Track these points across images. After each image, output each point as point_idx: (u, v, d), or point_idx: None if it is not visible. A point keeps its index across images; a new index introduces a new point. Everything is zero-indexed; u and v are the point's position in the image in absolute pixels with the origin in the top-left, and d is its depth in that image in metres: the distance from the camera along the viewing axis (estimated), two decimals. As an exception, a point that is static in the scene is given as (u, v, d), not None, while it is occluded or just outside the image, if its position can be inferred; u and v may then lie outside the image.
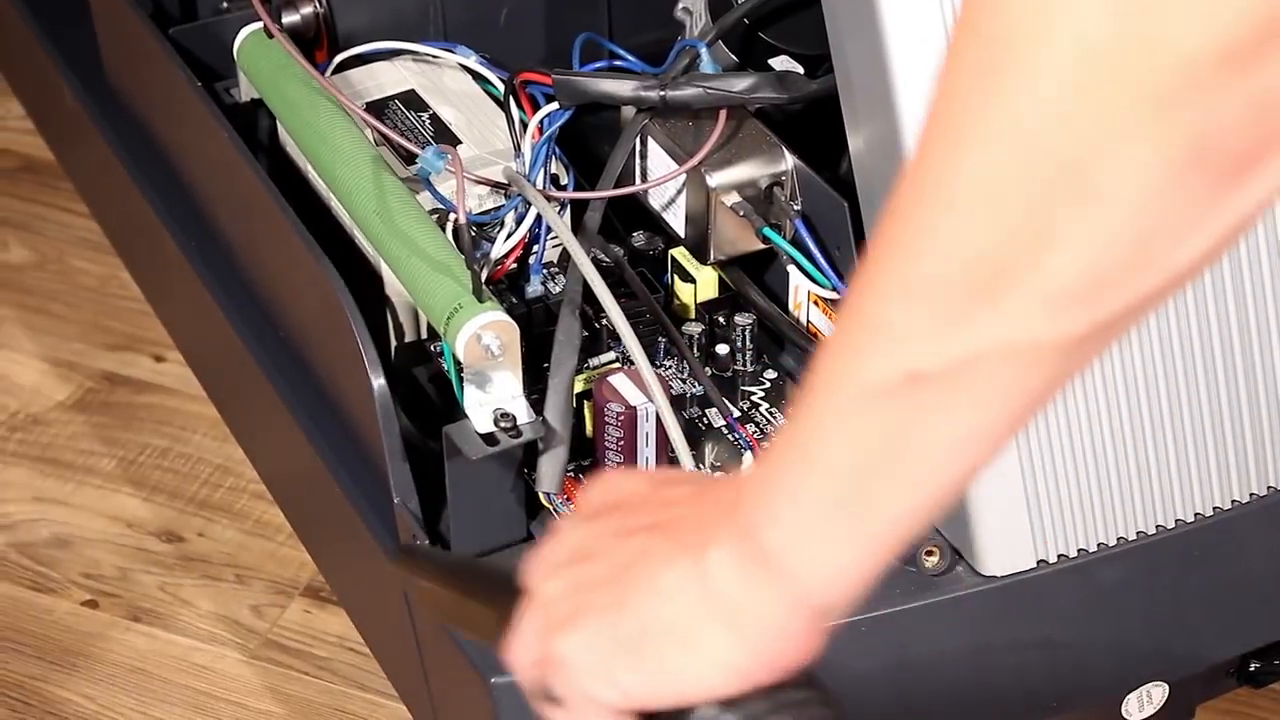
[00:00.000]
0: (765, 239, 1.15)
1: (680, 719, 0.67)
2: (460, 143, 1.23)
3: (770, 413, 1.16)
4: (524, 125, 1.21)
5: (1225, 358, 1.11)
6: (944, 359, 0.59)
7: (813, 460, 0.62)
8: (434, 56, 1.31)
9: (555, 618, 0.68)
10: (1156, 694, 1.16)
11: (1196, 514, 1.13)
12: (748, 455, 1.09)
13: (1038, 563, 1.10)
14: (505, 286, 1.21)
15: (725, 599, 0.64)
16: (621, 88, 1.18)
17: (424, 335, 1.20)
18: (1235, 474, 1.13)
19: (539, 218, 1.19)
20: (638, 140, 1.19)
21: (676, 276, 1.21)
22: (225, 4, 1.41)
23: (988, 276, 0.58)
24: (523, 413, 1.05)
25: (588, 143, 1.29)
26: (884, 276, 0.60)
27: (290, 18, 1.32)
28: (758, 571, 0.63)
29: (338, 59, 1.30)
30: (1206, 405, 1.11)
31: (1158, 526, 1.12)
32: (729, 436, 1.14)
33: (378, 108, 1.26)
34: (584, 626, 0.67)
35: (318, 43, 1.34)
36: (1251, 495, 1.14)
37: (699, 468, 1.11)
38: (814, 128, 1.18)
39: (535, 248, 1.20)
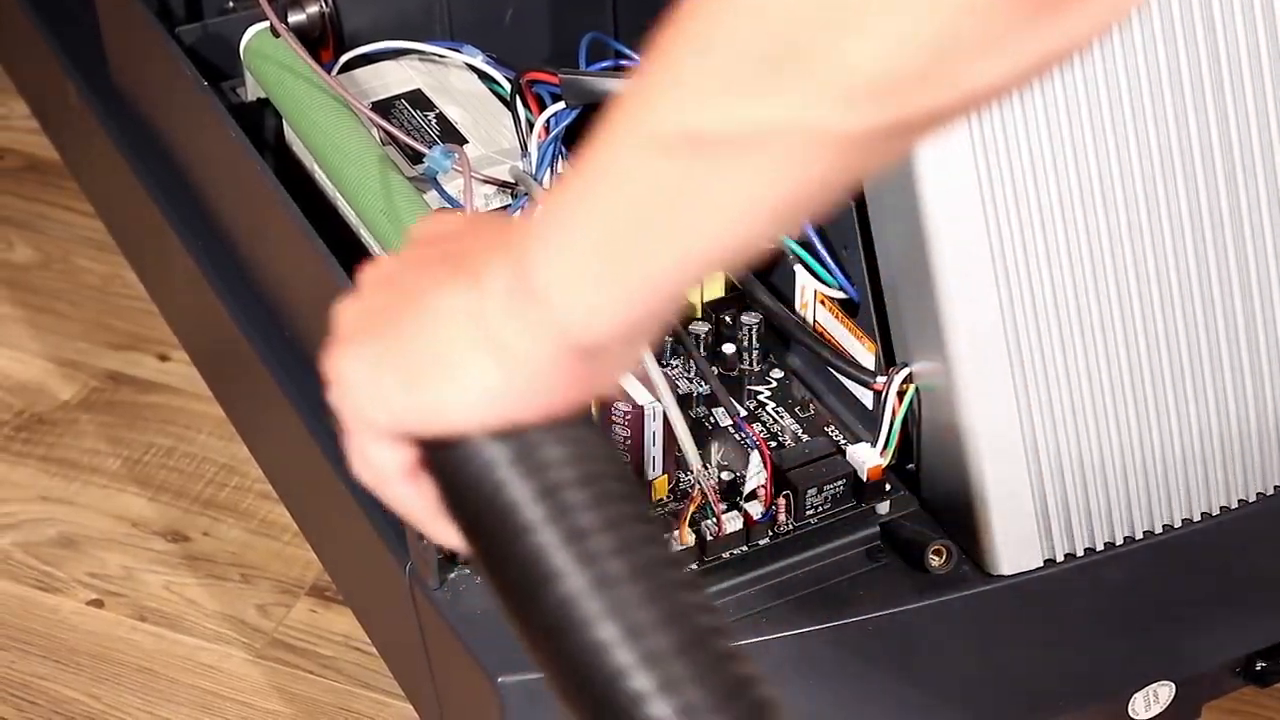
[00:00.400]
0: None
1: (449, 445, 0.66)
2: (466, 142, 1.23)
3: (777, 412, 1.16)
4: (530, 124, 1.21)
5: (1233, 358, 1.11)
6: (726, 126, 0.58)
7: (587, 201, 0.61)
8: (440, 56, 1.31)
9: (341, 336, 0.68)
10: (1163, 693, 1.16)
11: (1203, 514, 1.13)
12: (754, 455, 1.09)
13: (1045, 562, 1.10)
14: (512, 286, 1.20)
15: (492, 327, 0.63)
16: (628, 87, 1.18)
17: (430, 335, 1.20)
18: (1242, 474, 1.13)
19: (545, 217, 1.19)
20: (644, 140, 1.19)
21: (683, 276, 1.21)
22: (231, 3, 1.41)
23: (784, 53, 0.57)
24: (530, 412, 1.05)
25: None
26: (688, 30, 0.59)
27: (296, 17, 1.32)
28: (523, 303, 0.62)
29: (344, 58, 1.30)
30: (1213, 405, 1.11)
31: (1165, 526, 1.12)
32: (735, 436, 1.14)
33: (384, 107, 1.26)
34: (363, 345, 0.66)
35: (324, 42, 1.34)
36: (1258, 495, 1.14)
37: (706, 467, 1.11)
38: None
39: (542, 247, 1.20)
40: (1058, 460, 1.08)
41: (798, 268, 1.15)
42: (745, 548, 1.09)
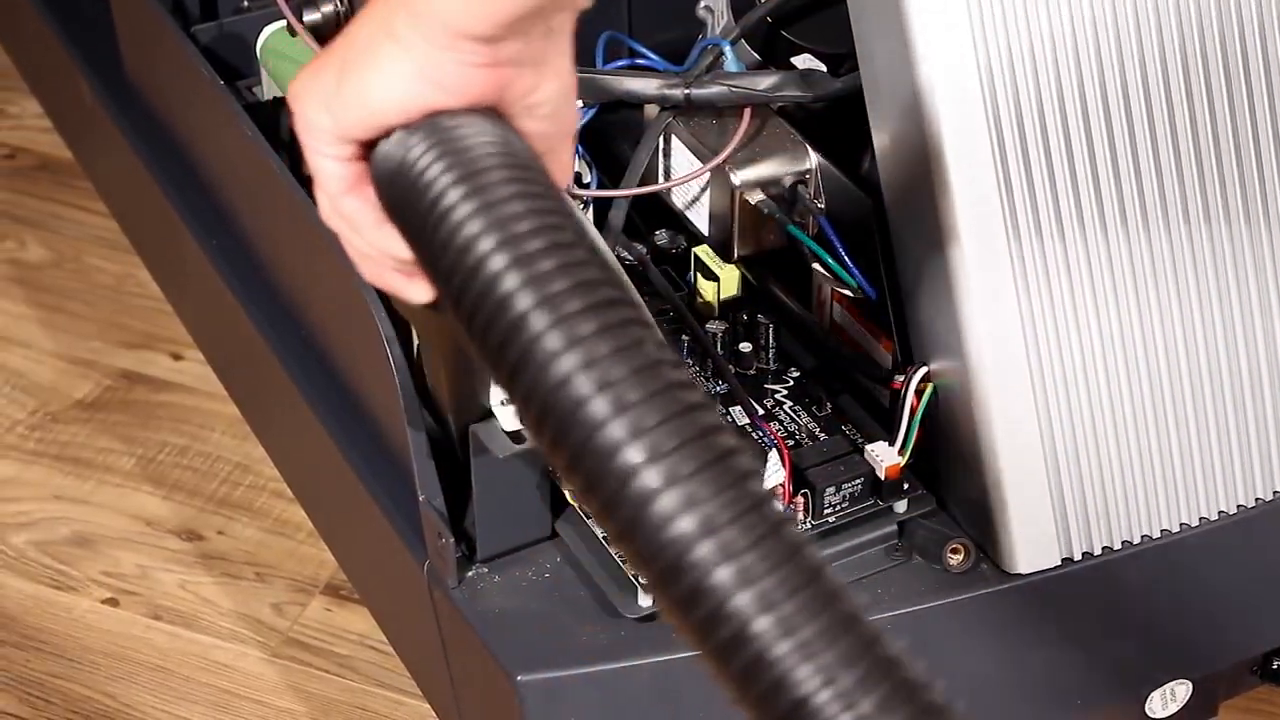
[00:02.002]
0: (789, 237, 1.15)
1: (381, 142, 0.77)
2: (483, 141, 1.23)
3: (794, 411, 1.16)
4: (547, 123, 1.21)
5: (1248, 356, 1.11)
6: None
7: None
8: (455, 55, 1.30)
9: (298, 71, 0.81)
10: (1180, 691, 1.16)
11: (1220, 512, 1.13)
12: (772, 454, 1.09)
13: (1062, 560, 1.10)
14: (528, 285, 1.21)
15: (397, 25, 0.76)
16: (646, 86, 1.18)
17: (447, 333, 1.20)
18: (1258, 472, 1.13)
19: (562, 216, 1.19)
20: (661, 139, 1.19)
21: (699, 275, 1.22)
22: (246, 2, 1.41)
23: None
24: (549, 411, 1.05)
25: (606, 141, 1.29)
26: None
27: (311, 16, 1.32)
28: (417, 5, 0.76)
29: (359, 57, 1.30)
30: (1229, 403, 1.11)
31: (1181, 524, 1.12)
32: (753, 435, 1.14)
33: (400, 106, 1.26)
34: (314, 65, 0.80)
35: (338, 41, 1.34)
36: (1275, 493, 1.14)
37: (724, 466, 1.10)
38: (837, 125, 1.18)
39: (558, 246, 1.20)
40: (1076, 459, 1.08)
41: (815, 266, 1.15)
42: (763, 546, 1.08)
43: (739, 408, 1.15)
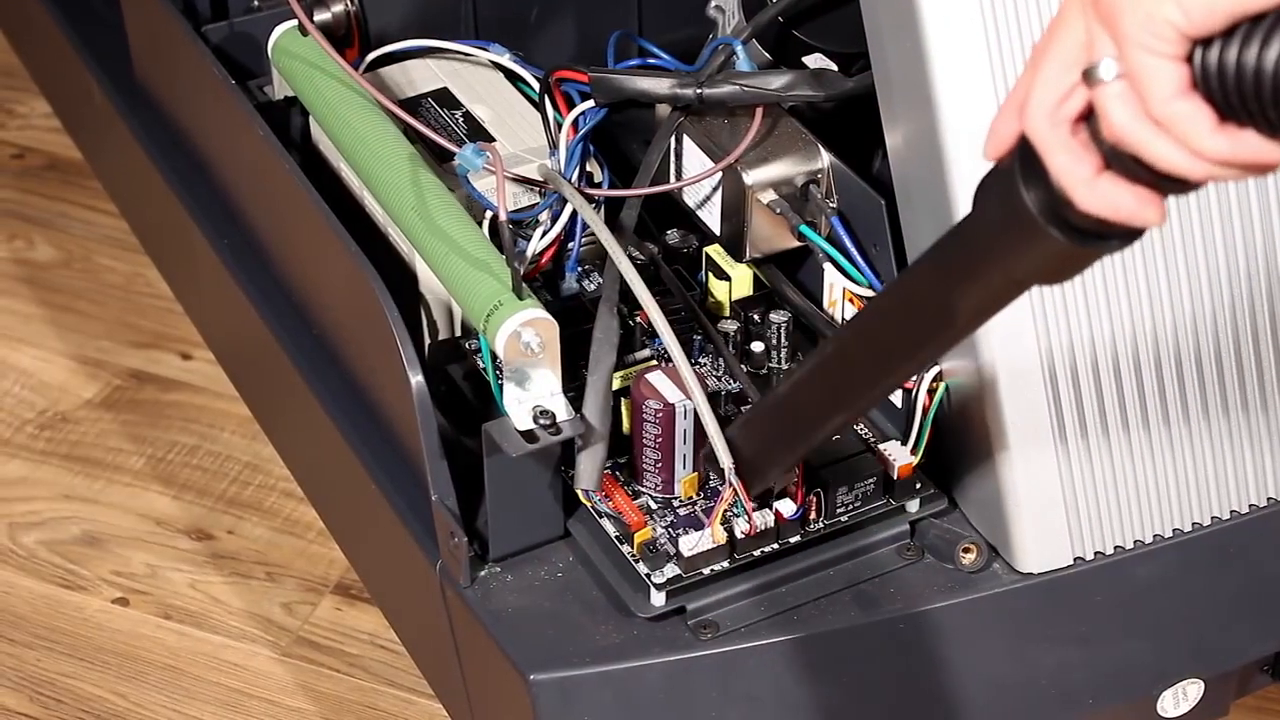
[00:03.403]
0: (801, 236, 1.15)
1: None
2: (494, 140, 1.23)
3: (806, 410, 1.16)
4: (558, 123, 1.21)
5: (1262, 356, 1.11)
6: None
7: None
8: (466, 54, 1.31)
9: None
10: (1192, 690, 1.16)
11: (1232, 511, 1.13)
12: (784, 452, 1.09)
13: (1074, 560, 1.10)
14: (540, 284, 1.21)
15: None
16: (658, 85, 1.18)
17: (458, 333, 1.20)
18: (1271, 472, 1.13)
19: (573, 215, 1.19)
20: (673, 138, 1.19)
21: (711, 274, 1.22)
22: (256, 2, 1.41)
23: None
24: (562, 410, 1.05)
25: (615, 141, 1.29)
26: None
27: (321, 16, 1.33)
28: None
29: (369, 57, 1.30)
30: (1242, 404, 1.11)
31: (1194, 524, 1.12)
32: (765, 434, 1.14)
33: (411, 105, 1.26)
34: None
35: (349, 41, 1.34)
36: (1287, 492, 1.14)
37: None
38: (848, 125, 1.18)
39: (569, 245, 1.20)
40: (1088, 458, 1.08)
41: (826, 266, 1.15)
42: (776, 545, 1.09)
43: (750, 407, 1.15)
